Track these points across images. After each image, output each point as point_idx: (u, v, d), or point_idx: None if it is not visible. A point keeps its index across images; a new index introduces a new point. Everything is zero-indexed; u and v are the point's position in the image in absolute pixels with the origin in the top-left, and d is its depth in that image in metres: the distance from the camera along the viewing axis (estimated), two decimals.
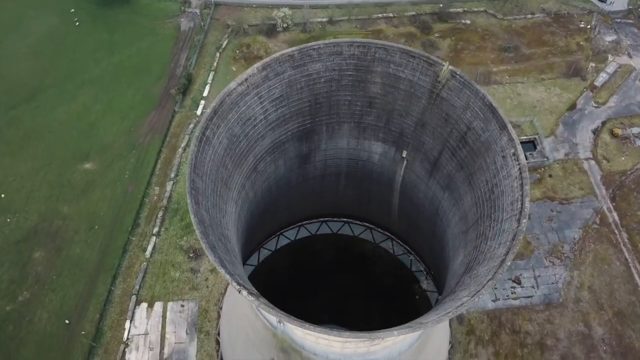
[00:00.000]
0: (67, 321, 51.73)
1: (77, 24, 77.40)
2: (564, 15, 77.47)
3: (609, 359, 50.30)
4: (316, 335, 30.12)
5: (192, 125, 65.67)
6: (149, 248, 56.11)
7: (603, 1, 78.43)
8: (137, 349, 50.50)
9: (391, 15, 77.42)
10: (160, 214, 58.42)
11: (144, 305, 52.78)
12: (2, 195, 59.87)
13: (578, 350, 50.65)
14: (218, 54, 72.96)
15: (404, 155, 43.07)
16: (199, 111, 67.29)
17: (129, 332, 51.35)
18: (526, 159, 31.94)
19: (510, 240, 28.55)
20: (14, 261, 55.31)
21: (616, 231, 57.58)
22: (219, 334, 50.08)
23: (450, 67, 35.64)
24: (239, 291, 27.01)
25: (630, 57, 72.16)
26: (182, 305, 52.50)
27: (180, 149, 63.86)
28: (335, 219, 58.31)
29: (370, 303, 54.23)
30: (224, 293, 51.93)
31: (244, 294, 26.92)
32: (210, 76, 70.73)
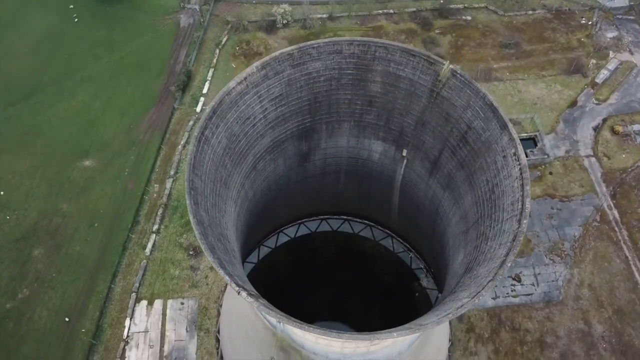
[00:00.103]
0: (67, 319, 51.72)
1: (76, 20, 77.01)
2: (565, 12, 77.04)
3: (609, 356, 50.31)
4: (315, 336, 30.05)
5: (191, 122, 65.46)
6: (149, 245, 56.06)
7: None
8: (137, 346, 50.56)
9: (391, 11, 76.99)
10: (160, 211, 58.35)
11: (144, 303, 52.77)
12: (2, 193, 59.75)
13: (578, 348, 50.67)
14: (218, 51, 72.63)
15: (404, 154, 42.93)
16: (198, 108, 67.07)
17: (129, 329, 51.37)
18: (526, 156, 31.86)
19: (511, 241, 28.43)
20: (14, 259, 55.27)
21: (616, 229, 57.50)
22: (218, 332, 50.12)
23: (451, 66, 35.45)
24: (238, 292, 26.93)
25: (632, 53, 71.77)
26: (182, 303, 52.51)
27: (180, 146, 63.71)
28: (335, 216, 58.17)
29: (370, 300, 54.16)
30: (224, 291, 51.91)
31: (243, 295, 26.85)
32: (210, 73, 70.41)
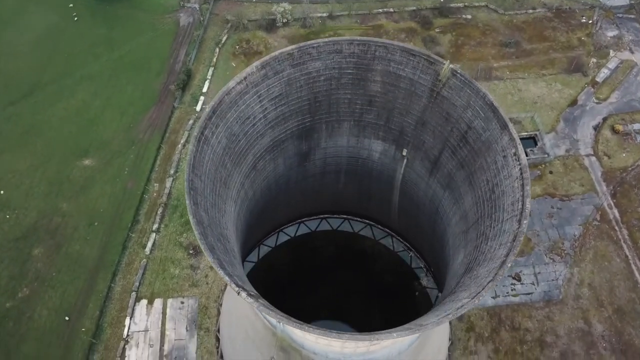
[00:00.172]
0: (67, 318, 51.73)
1: (75, 19, 76.89)
2: (566, 10, 76.92)
3: (609, 355, 50.33)
4: (315, 336, 30.03)
5: (191, 121, 65.40)
6: (149, 245, 56.04)
7: None
8: (137, 345, 50.57)
9: (391, 10, 76.85)
10: (159, 210, 58.32)
11: (144, 302, 52.77)
12: (1, 192, 59.72)
13: (578, 347, 50.67)
14: (217, 50, 72.53)
15: (404, 154, 42.86)
16: (198, 107, 66.99)
17: (129, 328, 51.37)
18: (527, 155, 31.78)
19: (511, 242, 28.38)
20: (14, 258, 55.26)
21: (616, 228, 57.47)
22: (218, 331, 50.12)
23: (451, 66, 35.38)
24: (238, 293, 26.91)
25: (632, 52, 71.67)
26: (182, 302, 52.51)
27: (180, 145, 63.66)
28: (335, 215, 58.09)
29: (370, 299, 54.20)
30: (224, 290, 51.90)
31: (243, 295, 26.82)
32: (210, 72, 70.32)
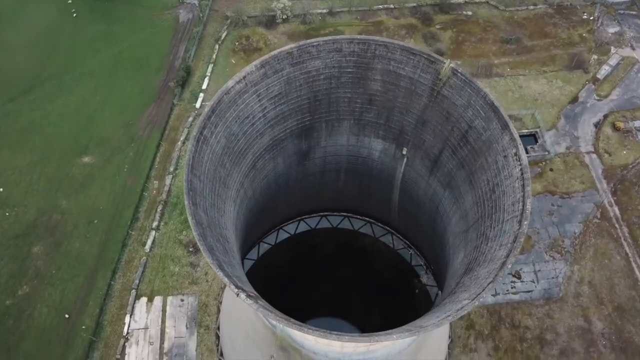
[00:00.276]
0: (67, 315, 51.71)
1: (74, 15, 76.46)
2: (567, 7, 76.46)
3: (609, 353, 50.34)
4: (315, 337, 30.01)
5: (191, 119, 65.18)
6: (149, 242, 55.96)
7: None
8: (137, 343, 50.58)
9: (392, 6, 76.41)
10: (159, 208, 58.20)
11: (144, 300, 52.72)
12: (1, 189, 59.59)
13: (577, 345, 50.68)
14: (217, 46, 72.18)
15: (404, 153, 42.75)
16: (198, 104, 66.74)
17: (129, 326, 51.34)
18: (527, 152, 31.67)
19: (512, 243, 28.30)
20: (13, 255, 55.16)
21: (617, 225, 57.37)
22: (218, 329, 50.16)
23: (452, 65, 35.22)
24: (237, 294, 26.84)
25: (634, 49, 71.26)
26: (182, 300, 52.49)
27: (180, 142, 63.45)
28: (336, 213, 58.04)
29: (370, 297, 54.21)
30: (224, 287, 51.93)
31: (242, 297, 26.75)
32: (209, 68, 70.01)
